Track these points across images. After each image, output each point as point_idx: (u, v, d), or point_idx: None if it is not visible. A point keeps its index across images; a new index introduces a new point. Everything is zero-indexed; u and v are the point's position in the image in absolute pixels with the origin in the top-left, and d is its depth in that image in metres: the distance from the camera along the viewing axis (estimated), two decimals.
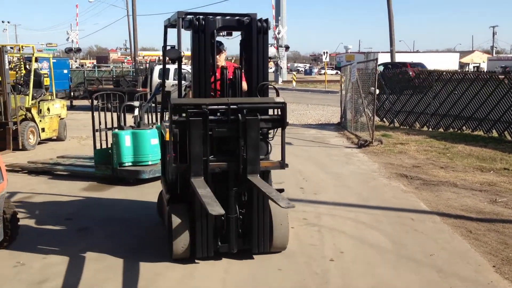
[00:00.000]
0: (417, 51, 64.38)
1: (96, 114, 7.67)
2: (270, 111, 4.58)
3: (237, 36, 4.86)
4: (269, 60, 4.88)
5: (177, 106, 4.24)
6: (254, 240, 4.51)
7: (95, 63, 55.73)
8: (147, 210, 6.06)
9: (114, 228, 5.47)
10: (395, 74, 15.63)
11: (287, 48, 39.67)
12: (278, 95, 4.57)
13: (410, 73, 15.21)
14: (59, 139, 12.06)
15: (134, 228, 5.45)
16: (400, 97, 14.39)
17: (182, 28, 4.54)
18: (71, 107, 20.23)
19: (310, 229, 5.53)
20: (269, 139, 4.59)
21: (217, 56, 4.72)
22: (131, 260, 4.54)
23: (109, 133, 7.86)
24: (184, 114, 4.22)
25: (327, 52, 31.29)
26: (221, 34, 4.92)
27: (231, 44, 5.12)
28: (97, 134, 7.75)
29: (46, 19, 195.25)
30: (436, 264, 4.57)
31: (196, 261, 4.45)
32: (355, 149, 10.88)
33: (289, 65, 72.50)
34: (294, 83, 32.74)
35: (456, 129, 12.96)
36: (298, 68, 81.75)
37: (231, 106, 4.20)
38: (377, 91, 11.57)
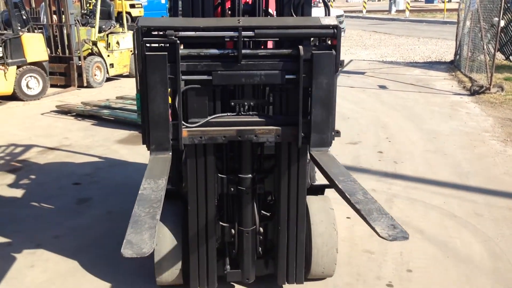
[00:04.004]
0: None
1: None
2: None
3: None
4: None
5: (151, 31, 2.31)
6: (281, 267, 2.89)
7: None
8: None
9: (117, 202, 4.33)
10: None
11: None
12: (328, 13, 2.72)
13: None
14: (131, 75, 11.22)
15: None
16: None
17: None
18: None
19: None
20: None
21: None
22: (108, 262, 3.37)
23: None
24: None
25: None
26: None
27: None
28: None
29: None
30: None
31: None
32: (465, 96, 8.70)
33: None
34: (407, 12, 29.11)
35: None
36: None
37: (244, 33, 2.33)
38: (502, 23, 9.07)
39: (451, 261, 3.38)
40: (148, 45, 2.30)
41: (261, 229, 2.90)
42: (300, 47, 2.35)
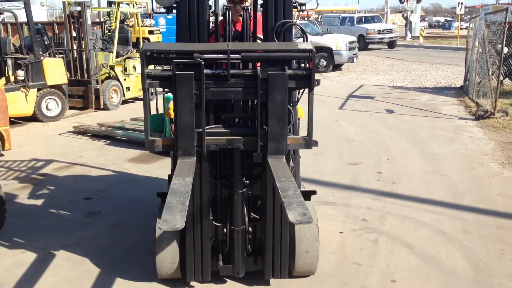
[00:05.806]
0: None
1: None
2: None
3: None
4: (298, 8, 3.27)
5: (154, 54, 2.73)
6: (268, 263, 3.21)
7: None
8: None
9: (124, 215, 4.61)
10: None
11: None
12: (306, 39, 3.04)
13: None
14: None
15: (148, 216, 4.55)
16: None
17: None
18: None
19: (365, 236, 4.16)
20: (292, 104, 3.05)
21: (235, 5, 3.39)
22: (113, 268, 3.64)
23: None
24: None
25: (462, 3, 27.32)
26: None
27: None
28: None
29: None
30: None
31: (192, 283, 3.34)
32: (470, 121, 8.87)
33: (426, 19, 66.94)
34: (421, 39, 29.43)
35: None
36: (437, 21, 75.00)
37: (232, 56, 2.70)
38: (506, 49, 9.27)
39: (434, 273, 3.56)
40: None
41: (250, 229, 3.24)
42: (258, 68, 2.71)
